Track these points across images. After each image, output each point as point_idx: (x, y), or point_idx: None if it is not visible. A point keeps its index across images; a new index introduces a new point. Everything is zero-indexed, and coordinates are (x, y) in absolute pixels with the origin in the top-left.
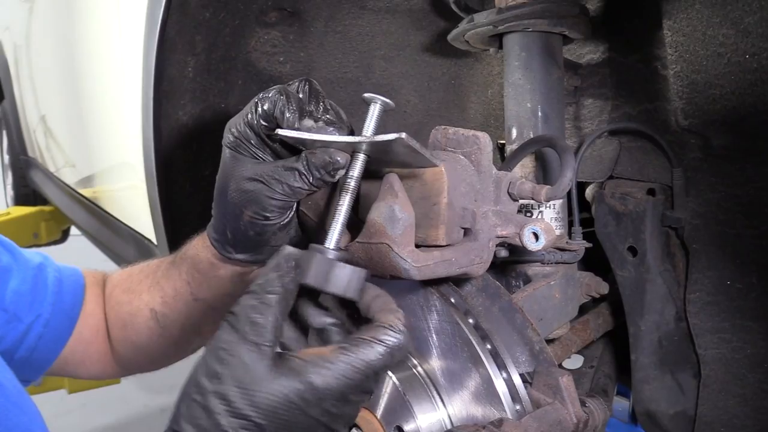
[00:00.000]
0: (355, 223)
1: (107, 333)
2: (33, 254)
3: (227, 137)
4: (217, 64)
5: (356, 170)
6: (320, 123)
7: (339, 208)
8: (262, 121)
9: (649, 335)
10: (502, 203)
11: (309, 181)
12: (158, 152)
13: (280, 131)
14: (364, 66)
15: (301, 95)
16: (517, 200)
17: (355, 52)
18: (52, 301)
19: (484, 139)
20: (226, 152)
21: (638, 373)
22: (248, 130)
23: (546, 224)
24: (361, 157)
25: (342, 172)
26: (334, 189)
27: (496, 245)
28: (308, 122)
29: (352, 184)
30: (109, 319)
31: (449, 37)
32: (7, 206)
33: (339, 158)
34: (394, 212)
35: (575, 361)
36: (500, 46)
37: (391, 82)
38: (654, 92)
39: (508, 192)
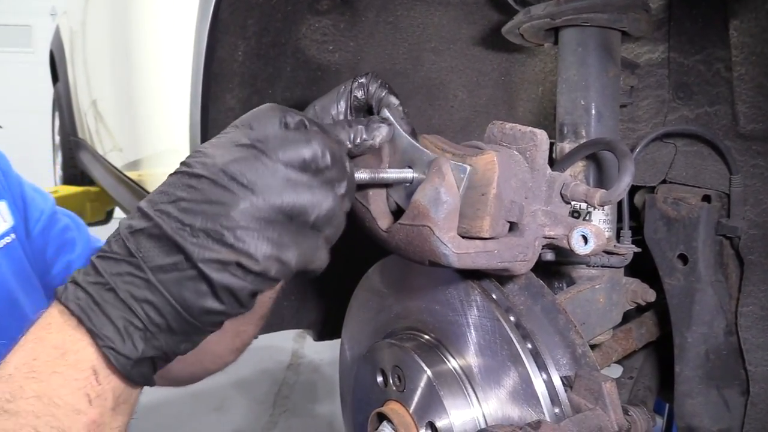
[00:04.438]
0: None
1: None
2: (97, 239)
3: (307, 109)
4: (266, 49)
5: (393, 174)
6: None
7: (360, 172)
8: (355, 92)
9: (695, 347)
10: (553, 204)
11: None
12: (204, 134)
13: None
14: (413, 58)
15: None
16: (569, 203)
17: (405, 44)
18: None
19: (542, 136)
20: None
21: (682, 386)
22: (334, 99)
23: (596, 228)
24: (407, 173)
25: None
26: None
27: (543, 247)
28: (393, 99)
29: (380, 175)
30: None
31: (503, 29)
32: (56, 185)
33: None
34: (439, 195)
35: (613, 371)
36: (556, 41)
37: (439, 76)
38: (715, 95)
39: (560, 193)
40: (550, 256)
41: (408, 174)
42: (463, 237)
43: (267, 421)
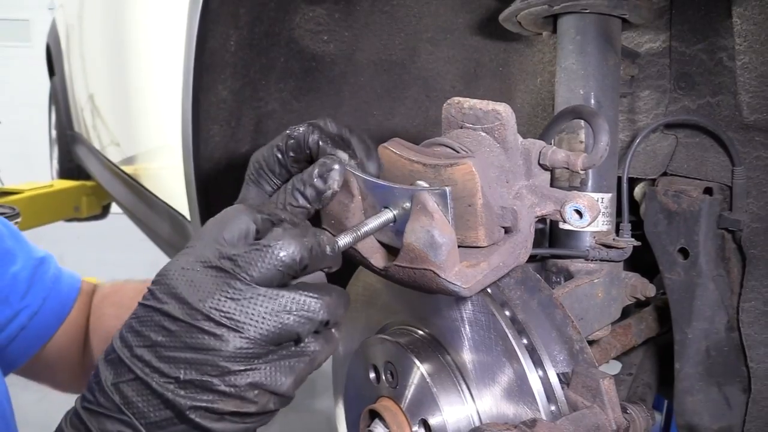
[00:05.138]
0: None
1: (84, 345)
2: (37, 248)
3: (250, 168)
4: (259, 40)
5: (374, 223)
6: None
7: (342, 237)
8: (290, 152)
9: (696, 344)
10: (534, 176)
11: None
12: (195, 125)
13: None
14: (409, 49)
15: (330, 128)
16: (549, 169)
17: (401, 34)
18: (44, 297)
19: (506, 111)
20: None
21: (682, 383)
22: (273, 158)
23: (589, 199)
24: (387, 215)
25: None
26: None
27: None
28: (343, 154)
29: (362, 230)
30: (92, 330)
31: (501, 17)
32: (52, 179)
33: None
34: (434, 238)
35: (612, 368)
36: (554, 30)
37: (436, 67)
38: (717, 85)
39: (539, 163)
40: (540, 226)
41: (388, 215)
42: (461, 246)
43: None
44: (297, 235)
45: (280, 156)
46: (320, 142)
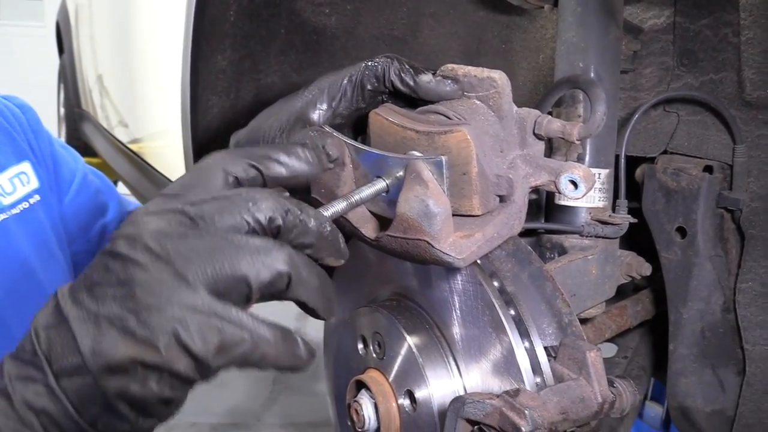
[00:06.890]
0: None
1: None
2: (129, 201)
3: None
4: (260, 10)
5: (367, 191)
6: (438, 77)
7: (334, 204)
8: (368, 84)
9: (691, 324)
10: (528, 146)
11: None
12: (194, 95)
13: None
14: (411, 24)
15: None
16: (543, 139)
17: (403, 8)
18: None
19: (502, 79)
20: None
21: (675, 364)
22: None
23: (584, 169)
24: (380, 184)
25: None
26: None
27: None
28: (426, 76)
29: (354, 198)
30: None
31: None
32: None
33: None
34: (428, 208)
35: (608, 350)
36: (555, 3)
37: (438, 43)
38: (721, 62)
39: (534, 133)
40: (533, 196)
41: (381, 184)
42: (455, 215)
43: (267, 398)
44: (275, 193)
45: (349, 87)
46: (402, 75)
